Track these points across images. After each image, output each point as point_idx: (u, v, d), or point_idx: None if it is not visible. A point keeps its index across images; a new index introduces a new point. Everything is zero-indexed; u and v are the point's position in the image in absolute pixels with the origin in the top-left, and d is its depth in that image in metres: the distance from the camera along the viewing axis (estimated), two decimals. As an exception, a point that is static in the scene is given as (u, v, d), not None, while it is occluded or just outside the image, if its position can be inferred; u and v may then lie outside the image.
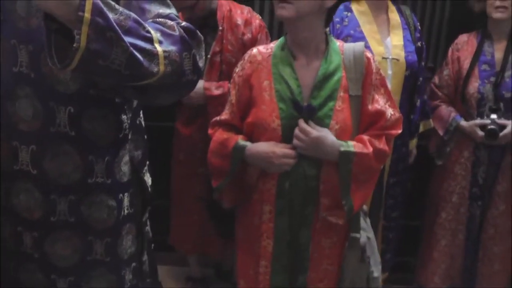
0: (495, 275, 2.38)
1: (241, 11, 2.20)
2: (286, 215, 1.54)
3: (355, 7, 2.17)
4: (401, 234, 2.44)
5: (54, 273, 1.16)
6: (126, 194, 1.21)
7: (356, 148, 1.47)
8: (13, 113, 1.07)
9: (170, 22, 1.05)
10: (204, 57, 1.13)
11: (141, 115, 1.29)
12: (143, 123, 1.29)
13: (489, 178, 2.28)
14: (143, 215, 1.30)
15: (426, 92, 2.36)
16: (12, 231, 1.15)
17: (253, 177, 1.58)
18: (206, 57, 2.14)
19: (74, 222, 1.14)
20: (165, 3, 1.13)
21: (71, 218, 1.13)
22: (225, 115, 1.62)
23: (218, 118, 1.64)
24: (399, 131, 1.58)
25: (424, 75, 2.31)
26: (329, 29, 2.09)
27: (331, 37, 1.58)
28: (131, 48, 0.91)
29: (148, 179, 1.31)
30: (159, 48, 0.98)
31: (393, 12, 2.20)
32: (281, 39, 1.58)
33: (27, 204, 1.11)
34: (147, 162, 1.31)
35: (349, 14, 2.15)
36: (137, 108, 1.24)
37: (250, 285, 1.65)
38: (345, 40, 2.01)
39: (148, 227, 1.36)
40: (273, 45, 1.59)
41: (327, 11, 1.51)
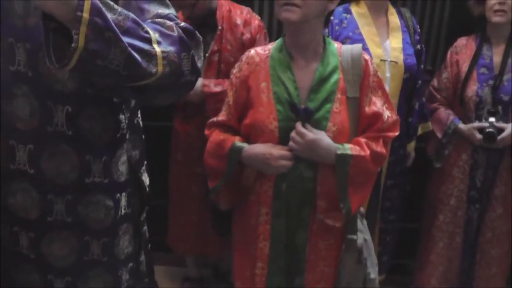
0: (492, 278, 2.37)
1: (240, 12, 2.21)
2: (283, 217, 1.54)
3: (354, 9, 2.16)
4: (398, 237, 2.44)
5: (51, 273, 1.16)
6: (123, 194, 1.21)
7: (353, 151, 1.47)
8: (10, 112, 1.07)
9: (169, 23, 1.04)
10: (202, 57, 1.13)
11: (139, 114, 1.28)
12: (141, 123, 1.29)
13: (487, 181, 2.27)
14: (140, 215, 1.30)
15: (424, 94, 2.36)
16: (8, 231, 1.14)
17: (249, 178, 1.58)
18: (204, 56, 2.13)
19: (71, 222, 1.14)
20: (164, 3, 1.13)
21: (68, 218, 1.13)
22: (222, 116, 1.61)
23: (215, 119, 1.63)
24: (396, 133, 1.58)
25: (423, 78, 2.31)
26: (327, 30, 2.10)
27: (328, 39, 1.57)
28: (129, 48, 0.91)
29: (146, 179, 1.31)
30: (157, 49, 0.98)
31: (392, 14, 2.19)
32: (279, 40, 1.57)
33: (23, 204, 1.11)
34: (145, 162, 1.31)
35: (348, 16, 2.14)
36: (135, 107, 1.24)
37: (247, 286, 1.65)
38: (343, 42, 2.00)
39: (145, 227, 1.36)
40: (270, 46, 1.58)
41: (327, 14, 1.51)
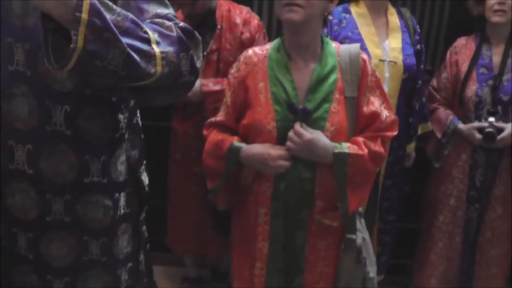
0: (492, 278, 2.37)
1: (240, 11, 2.21)
2: (281, 218, 1.54)
3: (354, 9, 2.16)
4: (397, 237, 2.43)
5: (49, 273, 1.16)
6: (122, 193, 1.21)
7: (350, 150, 1.47)
8: (9, 111, 1.07)
9: (167, 23, 1.04)
10: (201, 57, 1.13)
11: (138, 114, 1.28)
12: (140, 123, 1.29)
13: (487, 181, 2.27)
14: (139, 214, 1.30)
15: (424, 95, 2.36)
16: (7, 232, 1.14)
17: (248, 178, 1.58)
18: (203, 54, 2.13)
19: (69, 222, 1.13)
20: (163, 3, 1.13)
21: (66, 218, 1.13)
22: (220, 116, 1.61)
23: (213, 119, 1.63)
24: (395, 133, 1.57)
25: (423, 78, 2.31)
26: (326, 30, 2.10)
27: (326, 39, 1.57)
28: (128, 49, 0.91)
29: (145, 178, 1.31)
30: (156, 49, 0.98)
31: (392, 14, 2.18)
32: (277, 40, 1.57)
33: (22, 204, 1.11)
34: (144, 162, 1.31)
35: (347, 16, 2.14)
36: (134, 107, 1.24)
37: (245, 286, 1.65)
38: (342, 42, 2.00)
39: (144, 226, 1.36)
40: (268, 46, 1.58)
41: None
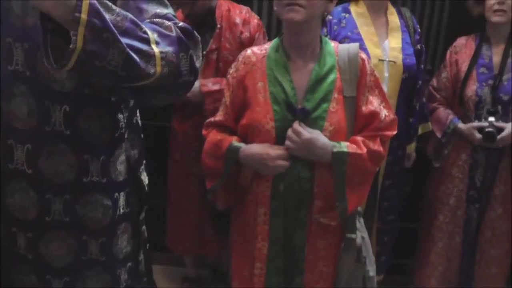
0: (492, 278, 2.37)
1: (239, 11, 2.21)
2: (280, 217, 1.54)
3: (353, 8, 2.15)
4: (396, 237, 2.43)
5: (49, 273, 1.16)
6: (122, 193, 1.21)
7: (349, 149, 1.46)
8: (8, 111, 1.07)
9: (167, 23, 1.04)
10: (201, 57, 1.13)
11: (138, 114, 1.28)
12: (139, 122, 1.29)
13: (487, 181, 2.27)
14: (139, 214, 1.30)
15: (424, 94, 2.36)
16: (6, 232, 1.14)
17: (247, 178, 1.58)
18: (203, 54, 2.13)
19: (69, 222, 1.13)
20: (162, 3, 1.13)
21: (66, 217, 1.13)
22: (219, 116, 1.61)
23: (212, 119, 1.63)
24: (394, 132, 1.57)
25: (423, 77, 2.30)
26: (326, 30, 2.10)
27: (325, 38, 1.57)
28: (127, 49, 0.91)
29: (145, 178, 1.31)
30: (156, 49, 0.97)
31: (392, 14, 2.18)
32: (275, 40, 1.57)
33: (21, 204, 1.11)
34: (143, 161, 1.31)
35: (347, 15, 2.13)
36: (133, 107, 1.24)
37: (244, 286, 1.65)
38: (342, 42, 2.00)
39: (144, 226, 1.35)
40: (267, 46, 1.58)
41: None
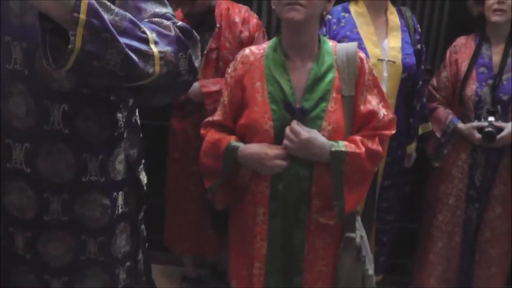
0: (491, 278, 2.37)
1: (239, 10, 2.22)
2: (279, 217, 1.54)
3: (353, 8, 2.15)
4: (395, 237, 2.43)
5: (47, 273, 1.16)
6: (120, 192, 1.21)
7: (347, 148, 1.46)
8: (6, 110, 1.06)
9: (166, 22, 1.04)
10: (200, 57, 1.13)
11: (137, 113, 1.28)
12: (138, 122, 1.29)
13: (486, 181, 2.27)
14: (138, 213, 1.30)
15: (424, 94, 2.35)
16: (4, 231, 1.14)
17: (245, 178, 1.58)
18: (202, 53, 2.13)
19: (67, 221, 1.13)
20: (161, 2, 1.12)
21: (64, 217, 1.13)
22: (217, 116, 1.61)
23: (211, 118, 1.63)
24: (393, 131, 1.57)
25: (423, 77, 2.30)
26: (325, 29, 2.09)
27: (323, 38, 1.57)
28: (126, 49, 0.91)
29: (144, 177, 1.31)
30: (154, 49, 0.97)
31: (392, 13, 2.17)
32: (273, 40, 1.57)
33: (20, 203, 1.11)
34: (142, 161, 1.31)
35: (346, 15, 2.13)
36: (133, 106, 1.24)
37: (243, 286, 1.65)
38: (341, 41, 1.99)
39: (143, 225, 1.35)
40: (265, 45, 1.57)
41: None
